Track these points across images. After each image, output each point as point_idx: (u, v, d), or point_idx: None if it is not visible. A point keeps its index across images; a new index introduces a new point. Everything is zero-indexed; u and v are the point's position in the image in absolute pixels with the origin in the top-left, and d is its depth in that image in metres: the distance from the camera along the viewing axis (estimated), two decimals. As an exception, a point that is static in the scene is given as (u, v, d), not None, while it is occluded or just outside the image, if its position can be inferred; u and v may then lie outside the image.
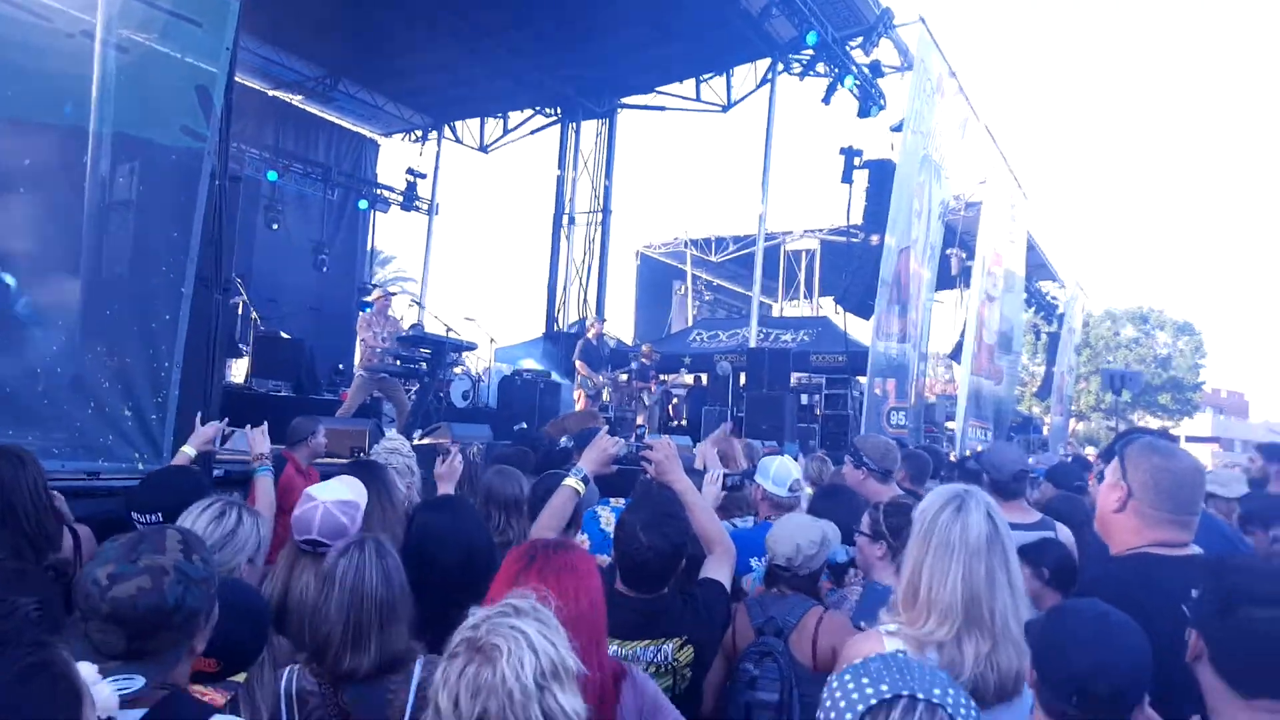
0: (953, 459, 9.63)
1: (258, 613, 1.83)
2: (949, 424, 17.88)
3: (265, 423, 3.84)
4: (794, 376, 14.37)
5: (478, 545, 2.43)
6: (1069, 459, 9.63)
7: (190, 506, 2.23)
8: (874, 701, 1.27)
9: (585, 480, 2.68)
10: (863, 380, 15.11)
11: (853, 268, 15.95)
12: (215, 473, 4.48)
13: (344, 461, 5.86)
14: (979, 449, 14.62)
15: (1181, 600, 1.61)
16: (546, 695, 1.32)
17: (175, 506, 2.54)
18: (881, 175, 14.28)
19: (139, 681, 1.44)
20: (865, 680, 1.31)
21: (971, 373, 16.78)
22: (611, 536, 3.27)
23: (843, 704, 1.29)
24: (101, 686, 1.25)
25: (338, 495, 2.57)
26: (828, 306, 22.01)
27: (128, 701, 1.40)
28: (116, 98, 3.97)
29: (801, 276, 23.00)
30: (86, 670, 1.19)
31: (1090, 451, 17.71)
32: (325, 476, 3.30)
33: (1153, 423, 40.79)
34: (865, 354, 15.02)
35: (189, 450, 3.50)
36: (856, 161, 14.48)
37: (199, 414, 3.76)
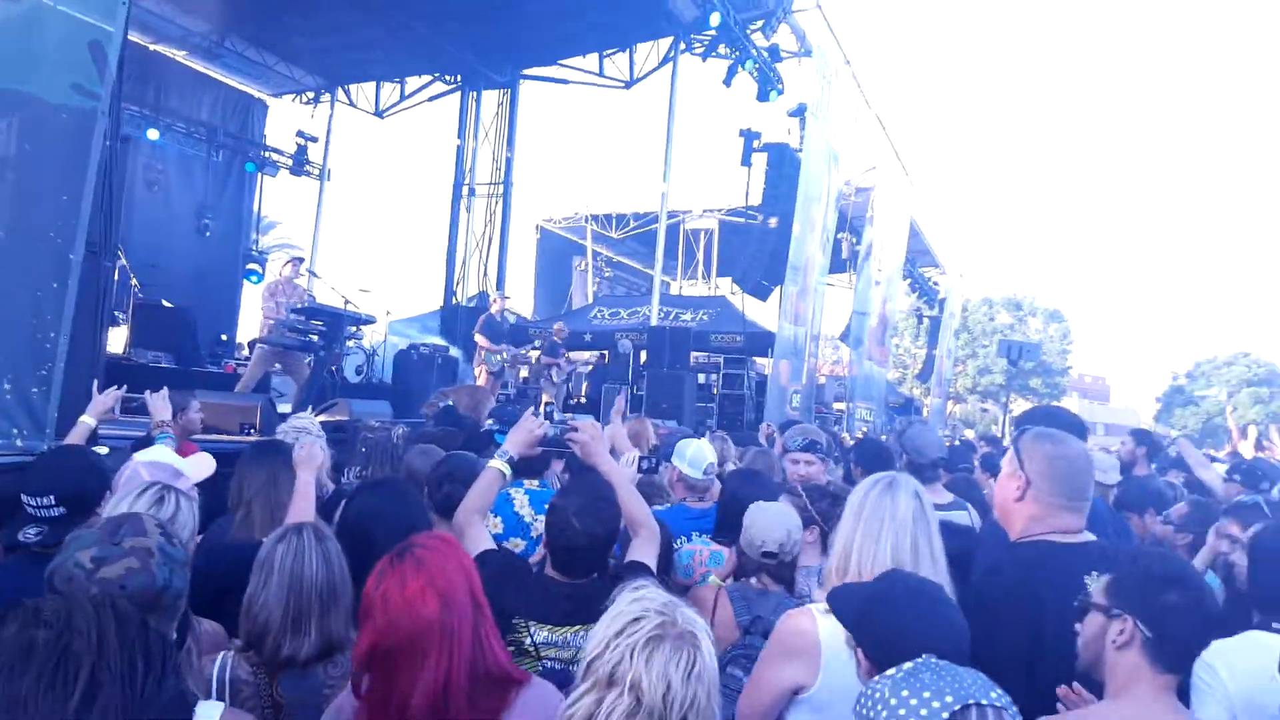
0: (846, 440, 10.06)
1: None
2: (837, 404, 18.65)
3: (165, 389, 3.69)
4: (693, 356, 14.64)
5: (419, 527, 2.42)
6: (956, 443, 10.20)
7: (127, 492, 2.13)
8: (946, 715, 1.26)
9: (510, 462, 2.63)
10: (760, 361, 15.56)
11: (751, 249, 16.35)
12: (100, 450, 4.26)
13: (233, 438, 5.67)
14: (864, 431, 15.34)
15: (1077, 586, 1.77)
16: (717, 688, 1.39)
17: (71, 488, 2.46)
18: (780, 159, 14.63)
19: None
20: (927, 694, 1.30)
21: (861, 356, 17.52)
22: (526, 520, 3.31)
23: None
24: None
25: (152, 457, 2.68)
26: (724, 286, 22.46)
27: None
28: (2, 50, 3.67)
29: (700, 256, 23.34)
30: None
31: (970, 434, 18.79)
32: (215, 455, 3.24)
33: (1026, 406, 43.55)
34: (762, 335, 15.47)
35: (89, 420, 3.33)
36: (756, 144, 14.79)
37: (95, 382, 3.56)
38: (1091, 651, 1.71)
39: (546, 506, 2.42)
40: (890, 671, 1.39)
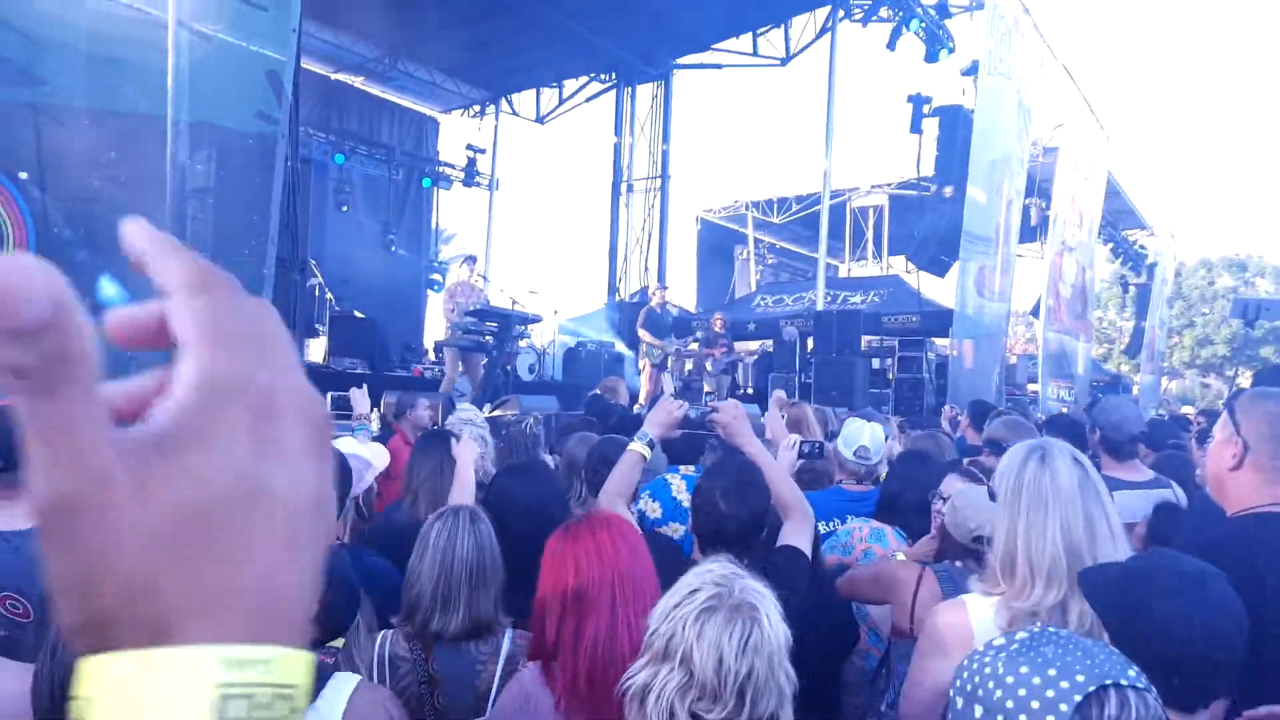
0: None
1: (349, 580, 1.88)
2: (1030, 386, 17.31)
3: (364, 385, 3.99)
4: (865, 340, 14.09)
5: (553, 511, 2.44)
6: (1162, 416, 9.21)
7: None
8: (1079, 697, 1.10)
9: (650, 444, 2.60)
10: (940, 342, 14.74)
11: (925, 223, 15.49)
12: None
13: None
14: (1064, 411, 14.12)
15: None
16: (785, 663, 1.33)
17: None
18: (953, 122, 13.70)
19: None
20: (1052, 672, 1.14)
21: (1050, 329, 16.18)
22: (684, 505, 3.27)
23: (1035, 705, 1.12)
24: None
25: (350, 449, 2.78)
26: (898, 265, 21.48)
27: None
28: (193, 86, 4.07)
29: (869, 234, 22.44)
30: None
31: (1188, 410, 16.95)
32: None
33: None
34: (940, 314, 14.63)
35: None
36: (925, 109, 13.94)
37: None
38: None
39: (692, 488, 2.36)
40: (999, 641, 1.22)
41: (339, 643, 1.80)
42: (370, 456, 2.86)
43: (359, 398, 3.83)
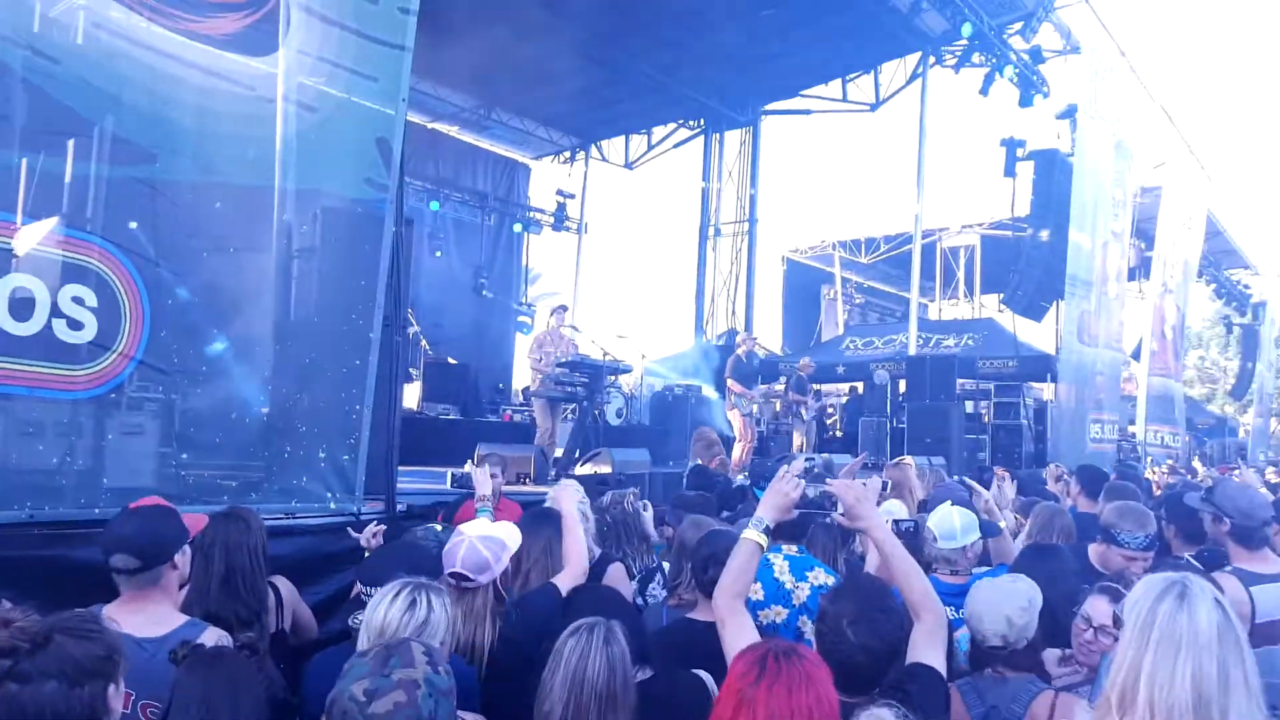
0: (1155, 487, 8.71)
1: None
2: (1130, 427, 16.45)
3: (488, 467, 4.01)
4: (959, 384, 13.63)
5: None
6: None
7: (380, 590, 2.20)
8: None
9: (767, 532, 2.40)
10: (1037, 387, 14.14)
11: (1020, 265, 14.96)
12: (399, 508, 4.67)
13: (520, 489, 6.08)
14: (1171, 466, 13.30)
15: None
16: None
17: None
18: (1049, 166, 13.39)
19: None
20: None
21: (1152, 372, 15.39)
22: (788, 587, 3.11)
23: None
24: None
25: (484, 531, 2.71)
26: (990, 306, 20.81)
27: None
28: (301, 155, 4.20)
29: (960, 275, 21.87)
30: None
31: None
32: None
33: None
34: (1038, 358, 14.08)
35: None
36: (1020, 153, 13.67)
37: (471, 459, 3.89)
38: None
39: (817, 613, 2.20)
40: None
41: None
42: (504, 538, 2.81)
43: (481, 478, 3.81)
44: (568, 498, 3.07)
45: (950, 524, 3.37)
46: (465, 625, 2.57)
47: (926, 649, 2.16)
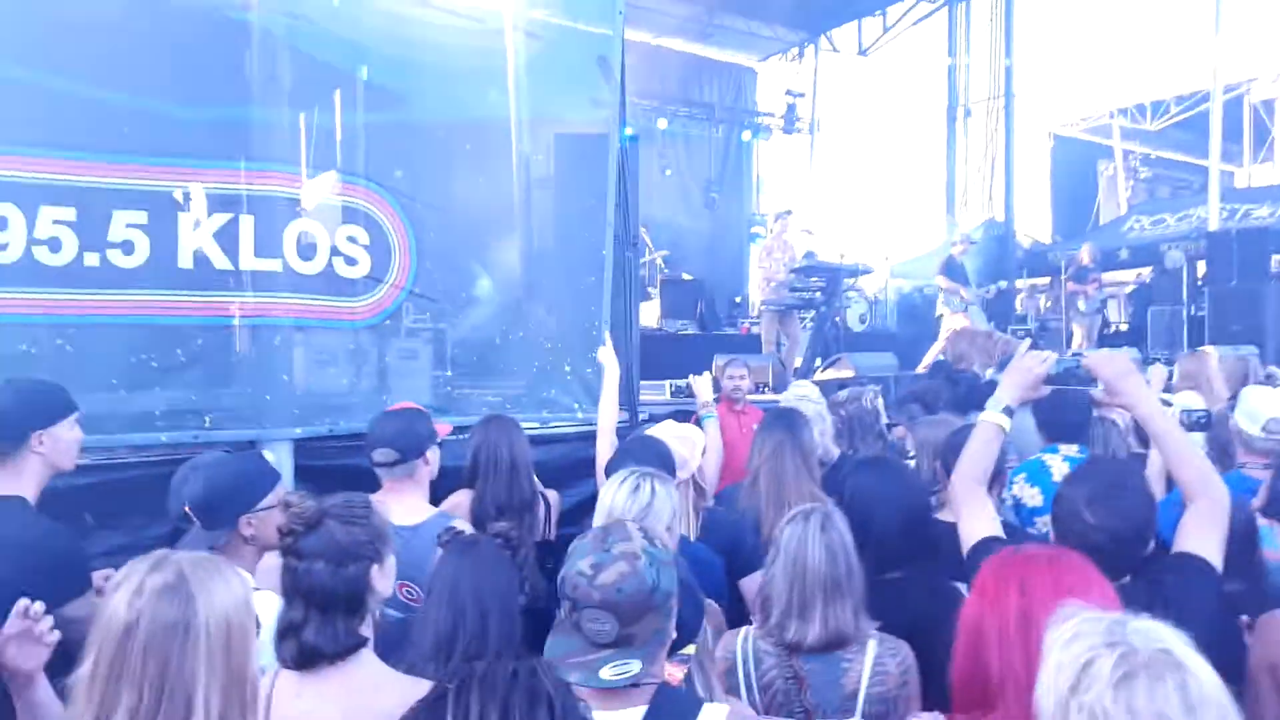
0: None
1: (694, 590, 1.87)
2: None
3: (707, 374, 4.08)
4: (1275, 260, 11.56)
5: (919, 507, 2.25)
6: None
7: (608, 481, 2.34)
8: None
9: (1008, 412, 2.19)
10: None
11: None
12: (641, 416, 4.87)
13: (758, 397, 6.10)
14: None
15: None
16: (1228, 698, 1.13)
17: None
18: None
19: (636, 665, 1.51)
20: None
21: None
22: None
23: None
24: None
25: (678, 431, 2.85)
26: (1318, 166, 17.35)
27: (626, 688, 1.50)
28: (530, 83, 4.35)
29: (1276, 132, 18.35)
30: None
31: None
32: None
33: None
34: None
35: (612, 373, 3.83)
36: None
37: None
38: None
39: (1054, 495, 2.00)
40: None
41: (690, 649, 1.80)
42: (693, 438, 2.88)
43: (701, 385, 3.89)
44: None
45: (1251, 400, 2.95)
46: None
47: (1197, 537, 1.89)
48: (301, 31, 3.81)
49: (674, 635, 1.62)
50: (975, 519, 2.09)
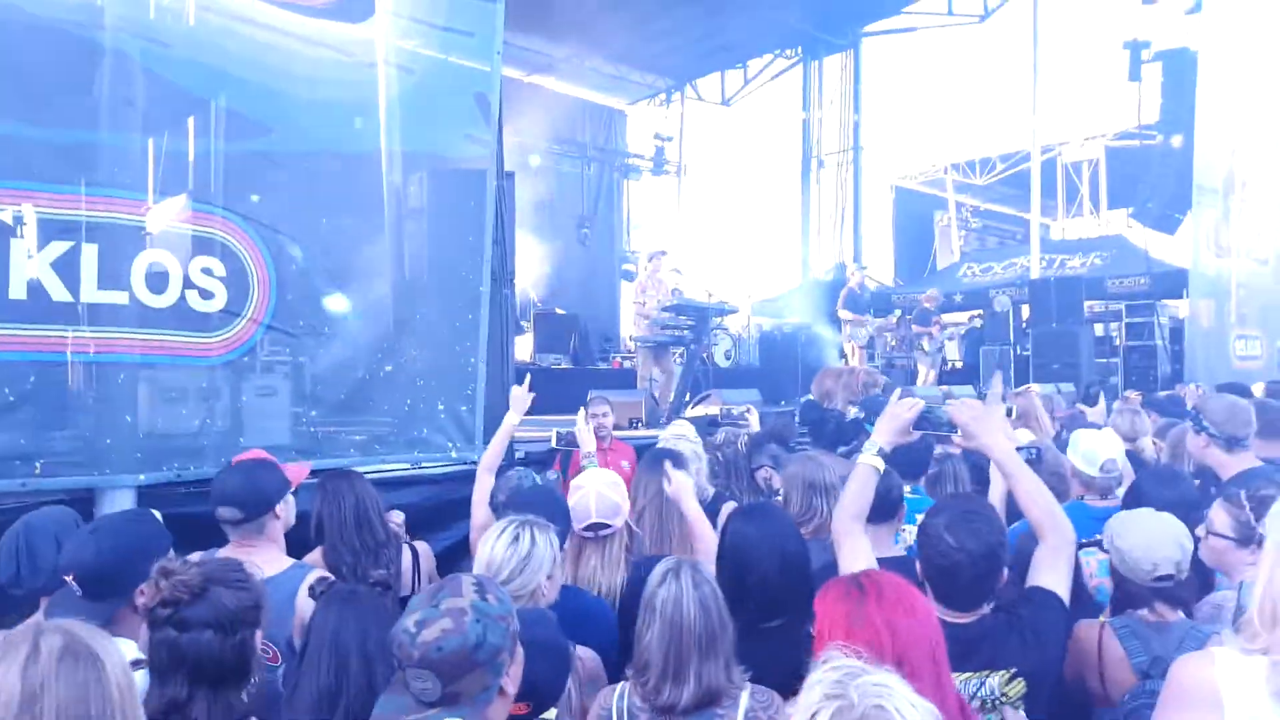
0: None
1: (560, 649, 1.86)
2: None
3: (595, 410, 4.20)
4: (1087, 305, 12.84)
5: (794, 555, 2.31)
6: None
7: (488, 532, 2.29)
8: None
9: (882, 454, 2.33)
10: (1172, 305, 13.19)
11: (1150, 176, 13.88)
12: (517, 454, 4.81)
13: (630, 434, 6.16)
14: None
15: None
16: None
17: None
18: (1179, 67, 12.31)
19: None
20: None
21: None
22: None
23: None
24: None
25: (604, 479, 2.76)
26: (1117, 222, 19.42)
27: None
28: (404, 117, 4.28)
29: (1084, 190, 20.45)
30: None
31: None
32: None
33: None
34: (1173, 274, 13.08)
35: (515, 418, 3.73)
36: (1145, 55, 12.60)
37: (523, 383, 3.97)
38: None
39: (920, 525, 2.14)
40: None
41: (550, 714, 1.78)
42: (619, 481, 2.85)
43: (585, 435, 3.88)
44: (687, 493, 2.95)
45: (1083, 442, 3.26)
46: (604, 573, 2.68)
47: (1048, 572, 2.06)
48: (156, 55, 3.60)
49: (511, 692, 1.59)
50: (854, 555, 2.19)
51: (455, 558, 3.88)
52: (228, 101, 3.88)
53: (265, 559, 2.50)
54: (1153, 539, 2.25)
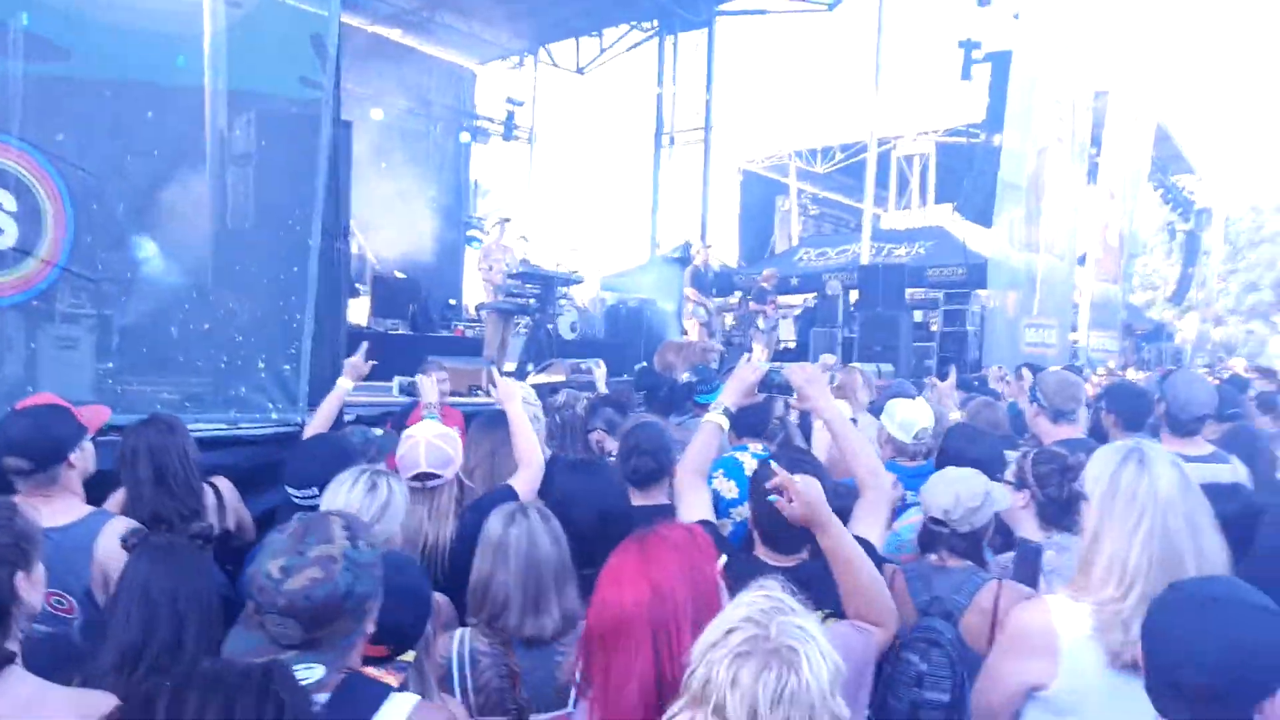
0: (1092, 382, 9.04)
1: (421, 593, 1.83)
2: (1071, 335, 16.96)
3: (438, 373, 3.94)
4: (909, 293, 13.81)
5: (616, 507, 2.38)
6: (1222, 378, 8.84)
7: (337, 478, 2.22)
8: None
9: (728, 414, 2.48)
10: (984, 295, 14.40)
11: (973, 172, 15.02)
12: (347, 418, 4.62)
13: (464, 400, 6.04)
14: (1111, 365, 13.76)
15: None
16: (831, 702, 1.22)
17: (330, 480, 2.57)
18: (1004, 68, 13.23)
19: (319, 670, 1.45)
20: None
21: (1099, 279, 15.75)
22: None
23: None
24: None
25: (435, 430, 2.73)
26: (942, 215, 20.94)
27: (310, 689, 1.41)
28: (232, 53, 3.98)
29: (915, 183, 21.85)
30: None
31: (1237, 364, 16.31)
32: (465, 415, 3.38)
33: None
34: (987, 266, 14.26)
35: (346, 383, 3.56)
36: (976, 55, 13.50)
37: (359, 349, 3.86)
38: None
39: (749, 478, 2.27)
40: None
41: (409, 656, 1.76)
42: (454, 434, 2.82)
43: (428, 385, 3.79)
44: (512, 397, 3.05)
45: (900, 412, 3.53)
46: (431, 524, 2.61)
47: (864, 522, 2.22)
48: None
49: (367, 634, 1.58)
50: (693, 506, 2.33)
51: (273, 523, 3.68)
52: (29, 21, 3.51)
53: (59, 508, 2.32)
54: (938, 486, 2.49)
